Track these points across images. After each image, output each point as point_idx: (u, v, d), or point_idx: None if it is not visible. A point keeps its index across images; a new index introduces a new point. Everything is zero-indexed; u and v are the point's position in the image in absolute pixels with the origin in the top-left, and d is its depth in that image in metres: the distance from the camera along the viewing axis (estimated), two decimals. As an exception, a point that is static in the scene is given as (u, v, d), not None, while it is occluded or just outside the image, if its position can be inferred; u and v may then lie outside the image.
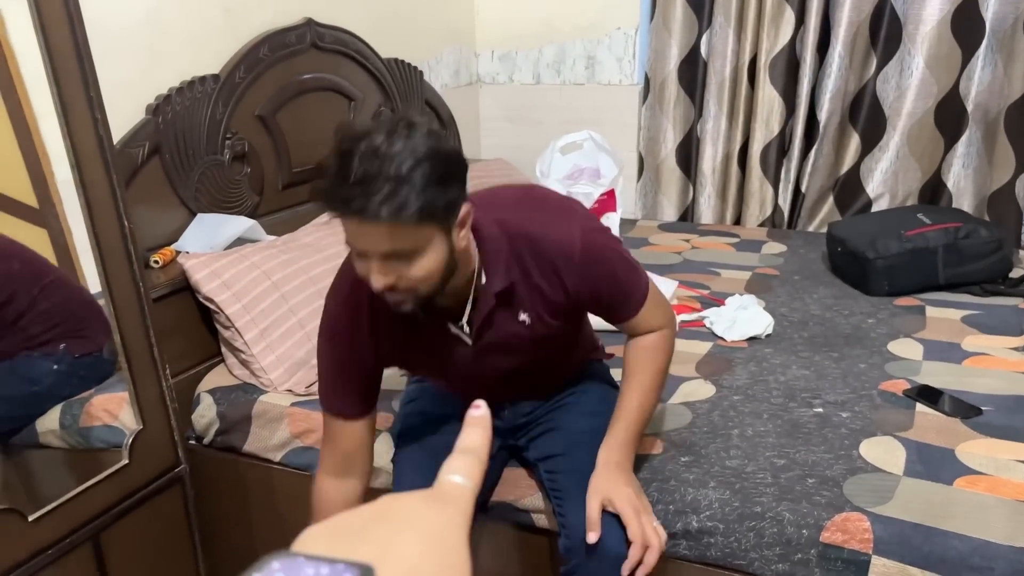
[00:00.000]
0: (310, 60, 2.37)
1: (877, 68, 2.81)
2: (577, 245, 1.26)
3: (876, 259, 2.24)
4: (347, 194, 1.04)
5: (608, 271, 1.31)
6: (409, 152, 1.04)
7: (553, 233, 1.26)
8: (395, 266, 1.11)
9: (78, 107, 1.46)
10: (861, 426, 1.59)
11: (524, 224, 1.27)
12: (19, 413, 1.68)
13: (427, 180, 1.05)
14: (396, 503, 0.38)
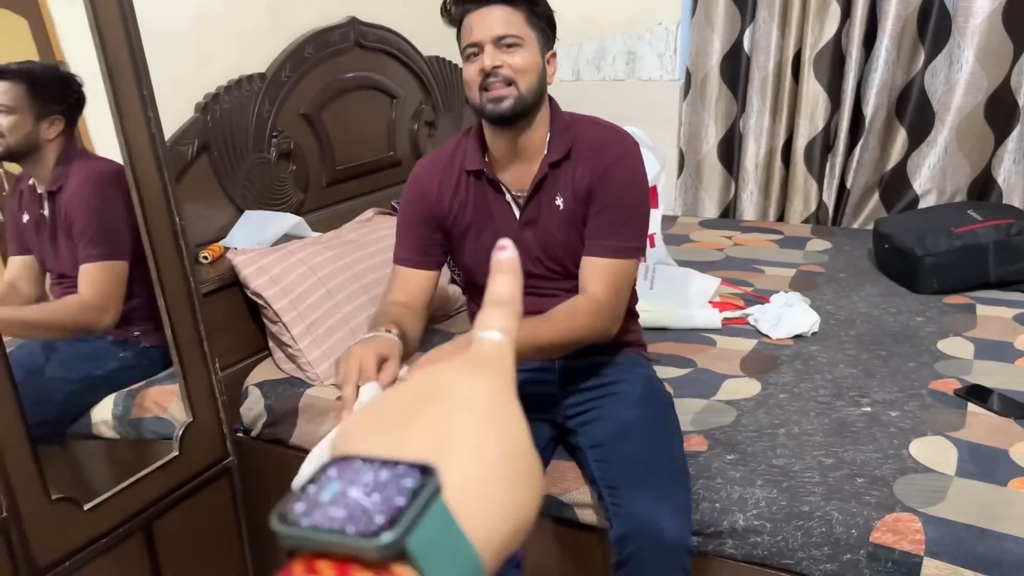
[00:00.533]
0: (353, 59, 2.39)
1: (925, 62, 2.75)
2: (625, 143, 1.46)
3: (925, 256, 2.20)
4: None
5: (628, 185, 1.43)
6: None
7: (607, 129, 1.49)
8: (502, 54, 1.37)
9: (131, 106, 1.49)
10: (911, 425, 1.57)
11: (587, 120, 1.51)
12: (75, 397, 1.72)
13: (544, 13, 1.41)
14: (436, 378, 0.35)
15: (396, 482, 0.29)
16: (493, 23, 1.38)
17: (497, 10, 1.38)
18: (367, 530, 0.27)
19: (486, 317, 0.39)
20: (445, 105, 2.83)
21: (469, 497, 0.31)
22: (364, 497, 0.29)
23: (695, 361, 1.88)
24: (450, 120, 2.87)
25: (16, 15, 1.64)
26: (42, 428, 1.44)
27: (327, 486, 0.29)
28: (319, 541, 0.28)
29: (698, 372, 1.83)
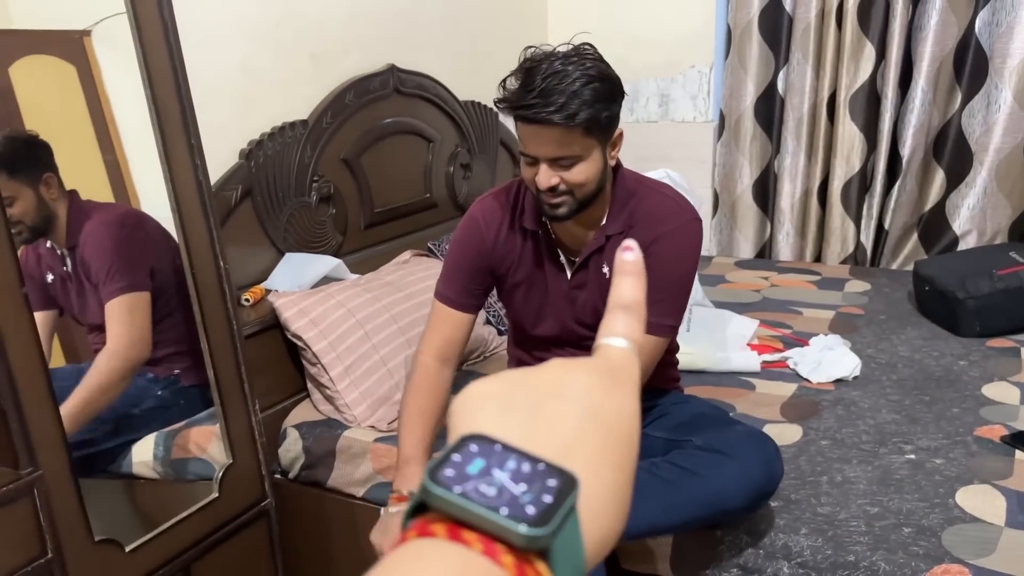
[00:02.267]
0: (392, 105, 2.44)
1: (962, 103, 2.74)
2: (682, 219, 1.43)
3: (967, 299, 2.17)
4: (529, 102, 1.28)
5: (674, 262, 1.41)
6: (582, 72, 1.28)
7: (670, 203, 1.45)
8: (559, 170, 1.34)
9: (180, 154, 1.53)
10: (957, 473, 1.53)
11: (652, 190, 1.47)
12: (113, 436, 1.73)
13: (595, 96, 1.29)
14: (570, 377, 0.35)
15: (541, 479, 0.29)
16: (547, 142, 1.32)
17: (552, 129, 1.30)
18: (521, 516, 0.27)
19: (611, 323, 0.38)
20: (480, 148, 2.87)
21: (583, 509, 0.31)
22: (511, 483, 0.29)
23: (734, 406, 1.86)
24: (485, 162, 2.91)
25: (65, 62, 1.70)
26: (81, 466, 1.46)
27: (472, 461, 0.29)
28: (470, 512, 0.28)
29: (738, 417, 1.81)
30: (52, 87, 1.71)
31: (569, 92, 1.27)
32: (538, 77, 1.28)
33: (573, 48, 1.33)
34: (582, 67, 1.29)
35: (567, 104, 1.27)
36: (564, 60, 1.30)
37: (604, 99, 1.30)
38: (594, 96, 1.28)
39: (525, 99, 1.29)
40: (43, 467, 1.29)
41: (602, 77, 1.31)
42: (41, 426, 1.29)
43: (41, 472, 1.29)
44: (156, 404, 1.77)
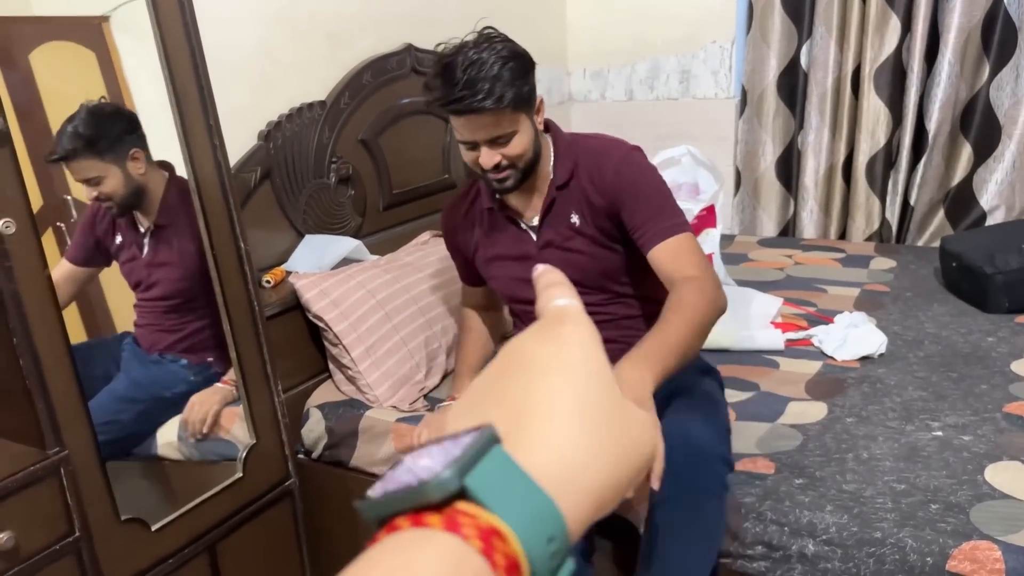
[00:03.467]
0: (410, 85, 2.42)
1: (990, 75, 2.68)
2: (622, 149, 1.51)
3: (995, 274, 2.13)
4: (458, 96, 1.36)
5: (642, 180, 1.47)
6: (496, 56, 1.37)
7: (605, 140, 1.54)
8: (498, 148, 1.44)
9: (198, 135, 1.53)
10: (985, 450, 1.51)
11: (588, 136, 1.57)
12: (142, 418, 1.75)
13: (513, 75, 1.38)
14: (513, 351, 0.35)
15: (458, 444, 0.30)
16: (482, 127, 1.42)
17: (484, 115, 1.40)
18: (429, 478, 0.29)
19: (548, 293, 0.38)
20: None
21: (550, 461, 0.31)
22: (427, 462, 0.30)
23: (758, 384, 1.85)
24: (504, 143, 2.89)
25: (84, 48, 1.71)
26: (109, 447, 1.47)
27: (399, 466, 0.31)
28: (392, 502, 0.30)
29: (761, 395, 1.79)
30: (72, 73, 1.71)
31: (490, 77, 1.36)
32: (458, 71, 1.37)
33: (480, 35, 1.42)
34: (494, 51, 1.38)
35: (492, 89, 1.36)
36: (476, 48, 1.39)
37: (522, 75, 1.41)
38: (512, 75, 1.38)
39: (453, 93, 1.37)
40: (69, 447, 1.31)
41: (514, 55, 1.41)
42: (67, 407, 1.30)
43: (67, 452, 1.31)
44: (187, 389, 1.77)
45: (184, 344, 1.78)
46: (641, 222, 1.46)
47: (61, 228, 1.70)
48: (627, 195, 1.47)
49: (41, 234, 1.27)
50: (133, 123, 1.67)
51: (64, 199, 1.70)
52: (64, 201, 1.71)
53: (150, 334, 1.79)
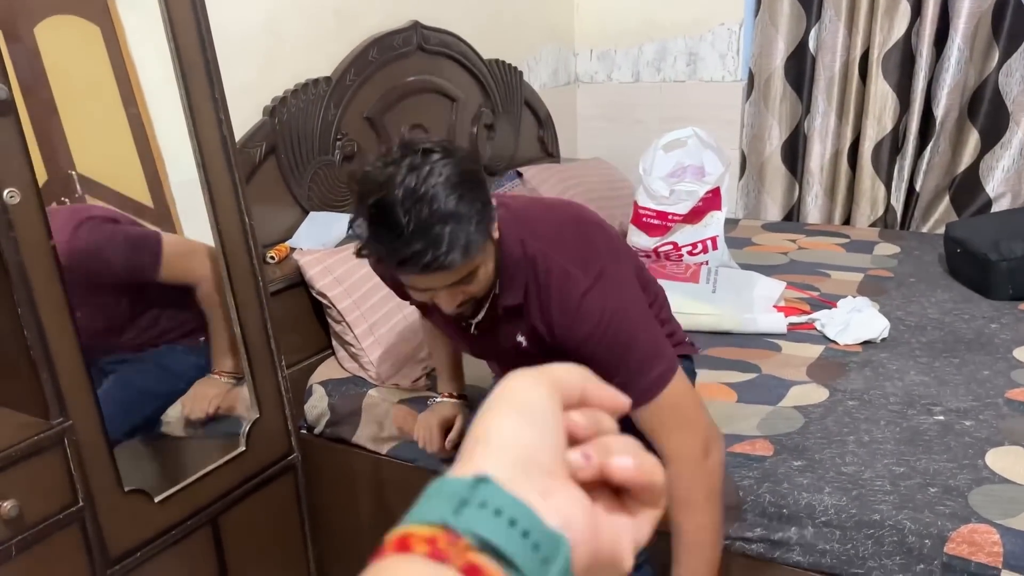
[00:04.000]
0: (415, 62, 2.41)
1: (1000, 61, 2.67)
2: (576, 294, 1.20)
3: (999, 261, 2.13)
4: (412, 250, 1.04)
5: (609, 328, 1.19)
6: (444, 182, 1.05)
7: (563, 270, 1.21)
8: (460, 286, 1.15)
9: (204, 108, 1.52)
10: (987, 435, 1.51)
11: (545, 251, 1.22)
12: (159, 407, 1.74)
13: (472, 205, 1.07)
14: (506, 384, 0.37)
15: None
16: (446, 277, 1.12)
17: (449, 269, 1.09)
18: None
19: None
20: (504, 108, 2.84)
21: (517, 478, 0.32)
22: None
23: (759, 367, 1.85)
24: (508, 123, 2.88)
25: (89, 22, 1.70)
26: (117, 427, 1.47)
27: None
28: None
29: (763, 378, 1.79)
30: (76, 47, 1.70)
31: (446, 215, 1.04)
32: (401, 214, 1.03)
33: (406, 147, 1.08)
34: (440, 176, 1.05)
35: (455, 236, 1.05)
36: (416, 175, 1.04)
37: (479, 196, 1.09)
38: (470, 204, 1.06)
39: (405, 251, 1.05)
40: (73, 417, 1.31)
41: (464, 174, 1.08)
42: (70, 377, 1.31)
43: (71, 422, 1.31)
44: (196, 374, 1.77)
45: (168, 334, 1.75)
46: (606, 380, 1.25)
47: (65, 203, 1.69)
48: (593, 361, 1.16)
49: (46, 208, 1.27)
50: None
51: (69, 174, 1.70)
52: (69, 176, 1.70)
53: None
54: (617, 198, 2.90)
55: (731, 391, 1.72)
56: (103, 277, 1.61)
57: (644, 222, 2.35)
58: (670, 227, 2.32)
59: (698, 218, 2.32)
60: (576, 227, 1.29)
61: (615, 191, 2.94)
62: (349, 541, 1.95)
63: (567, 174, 2.86)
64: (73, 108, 1.62)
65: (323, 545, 1.92)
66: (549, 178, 2.78)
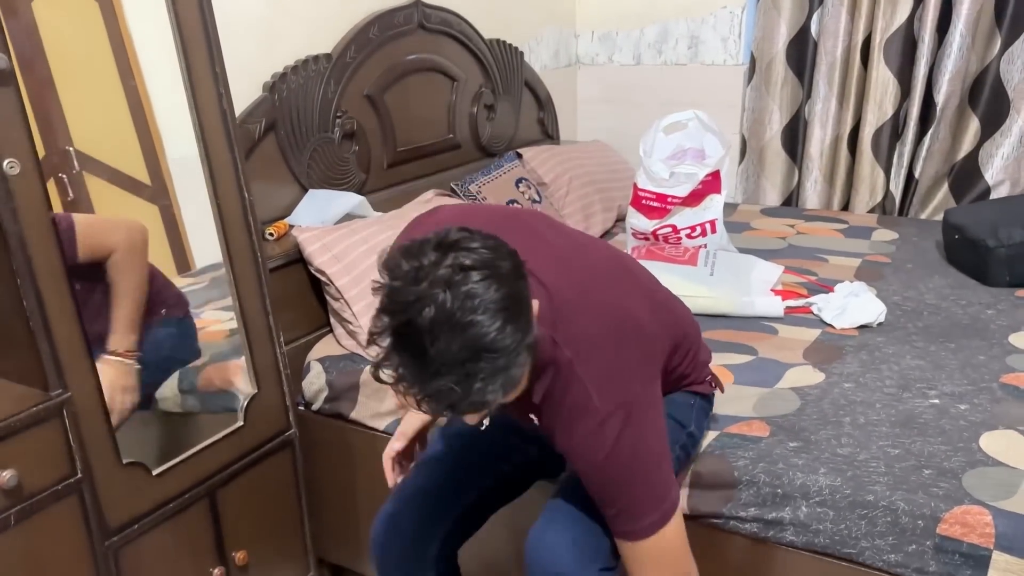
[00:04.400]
0: (416, 41, 2.40)
1: (1002, 48, 2.66)
2: (588, 424, 1.08)
3: (998, 247, 2.13)
4: (437, 386, 0.89)
5: (612, 465, 1.09)
6: (485, 309, 0.88)
7: (584, 393, 1.07)
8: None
9: (204, 82, 1.52)
10: (981, 419, 1.52)
11: (571, 361, 1.08)
12: (155, 378, 1.73)
13: (515, 336, 0.91)
14: None
15: None
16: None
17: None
18: None
19: None
20: (504, 89, 2.83)
21: None
22: None
23: (756, 349, 1.86)
24: (509, 103, 2.87)
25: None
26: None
27: None
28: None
29: (760, 360, 1.80)
30: (74, 23, 1.69)
31: (496, 351, 0.90)
32: (428, 342, 0.87)
33: (441, 253, 0.91)
34: (481, 301, 0.88)
35: (494, 374, 0.91)
36: (451, 297, 0.87)
37: (525, 325, 0.93)
38: (515, 336, 0.91)
39: (430, 386, 0.90)
40: (72, 389, 1.32)
41: (510, 296, 0.91)
42: (69, 349, 1.31)
43: (70, 394, 1.32)
44: (176, 342, 1.76)
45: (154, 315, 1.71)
46: (603, 509, 1.15)
47: (63, 179, 1.69)
48: (590, 485, 1.14)
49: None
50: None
51: (66, 150, 1.69)
52: (66, 152, 1.70)
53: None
54: (616, 180, 2.90)
55: (728, 373, 1.73)
56: None
57: (643, 204, 2.35)
58: (669, 210, 2.32)
59: (697, 201, 2.32)
60: (617, 331, 1.12)
61: (614, 173, 2.93)
62: (346, 516, 1.96)
63: (566, 156, 2.85)
64: (71, 84, 1.61)
65: (321, 520, 1.94)
66: (548, 159, 2.77)
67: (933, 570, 1.28)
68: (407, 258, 0.92)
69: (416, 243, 0.93)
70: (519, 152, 2.77)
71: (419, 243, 0.93)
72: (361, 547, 1.96)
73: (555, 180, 2.72)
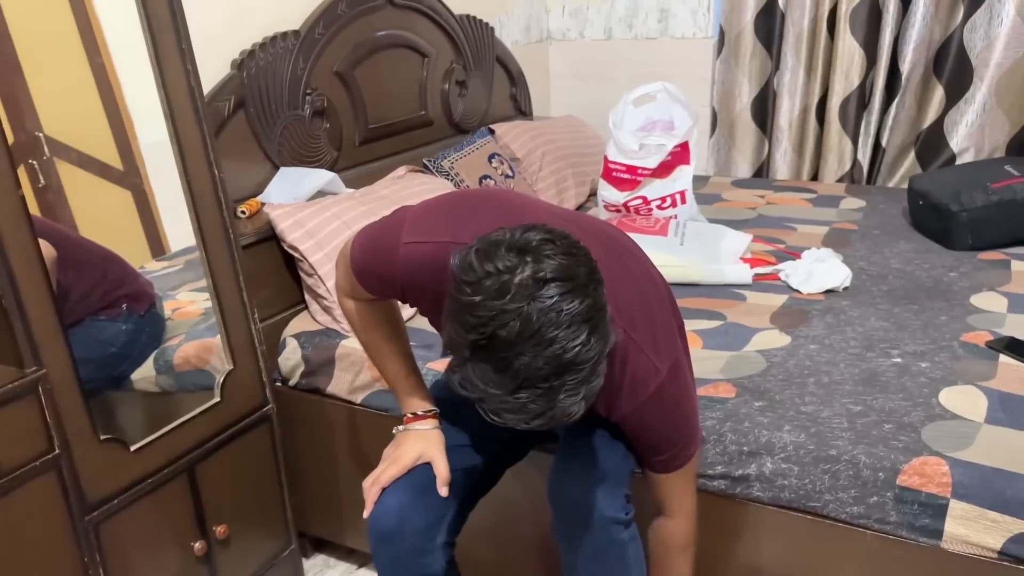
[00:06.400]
0: (385, 17, 2.40)
1: (964, 17, 2.70)
2: (651, 388, 1.15)
3: (960, 212, 2.18)
4: (520, 402, 0.91)
5: (669, 417, 1.20)
6: (568, 322, 0.88)
7: (640, 364, 1.14)
8: None
9: (171, 59, 1.52)
10: (941, 375, 1.57)
11: (628, 332, 1.13)
12: (101, 374, 1.68)
13: (596, 346, 0.91)
14: None
15: None
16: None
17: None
18: None
19: None
20: (476, 65, 2.84)
21: None
22: None
23: (725, 315, 1.89)
24: (481, 79, 2.88)
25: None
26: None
27: None
28: None
29: (728, 325, 1.84)
30: (39, 4, 1.68)
31: (571, 366, 0.90)
32: (513, 357, 0.88)
33: (517, 259, 0.90)
34: (563, 314, 0.88)
35: (576, 388, 0.92)
36: (533, 308, 0.87)
37: (605, 334, 0.94)
38: (597, 346, 0.91)
39: (512, 402, 0.92)
40: (47, 366, 1.33)
41: (591, 307, 0.90)
42: (43, 325, 1.32)
43: (45, 371, 1.33)
44: (127, 339, 1.73)
45: (87, 310, 1.67)
46: (650, 451, 1.25)
47: (34, 165, 1.68)
48: (645, 430, 1.22)
49: (13, 158, 1.27)
50: None
51: (36, 136, 1.69)
52: (36, 138, 1.69)
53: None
54: (589, 155, 2.92)
55: (697, 338, 1.76)
56: None
57: (614, 176, 2.37)
58: (639, 181, 2.35)
59: (667, 172, 2.35)
60: (650, 296, 1.21)
61: (587, 148, 2.95)
62: (326, 489, 1.98)
63: (539, 131, 2.87)
64: (38, 69, 1.61)
65: (300, 493, 1.96)
66: (521, 135, 2.79)
67: (894, 520, 1.33)
68: (482, 261, 0.91)
69: (490, 244, 0.92)
70: (491, 128, 2.79)
71: (493, 244, 0.92)
72: (342, 520, 1.98)
73: (528, 155, 2.74)
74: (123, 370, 1.76)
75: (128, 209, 1.79)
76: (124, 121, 1.76)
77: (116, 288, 1.71)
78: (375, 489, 1.30)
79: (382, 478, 1.31)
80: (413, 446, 1.32)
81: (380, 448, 1.40)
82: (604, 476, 1.26)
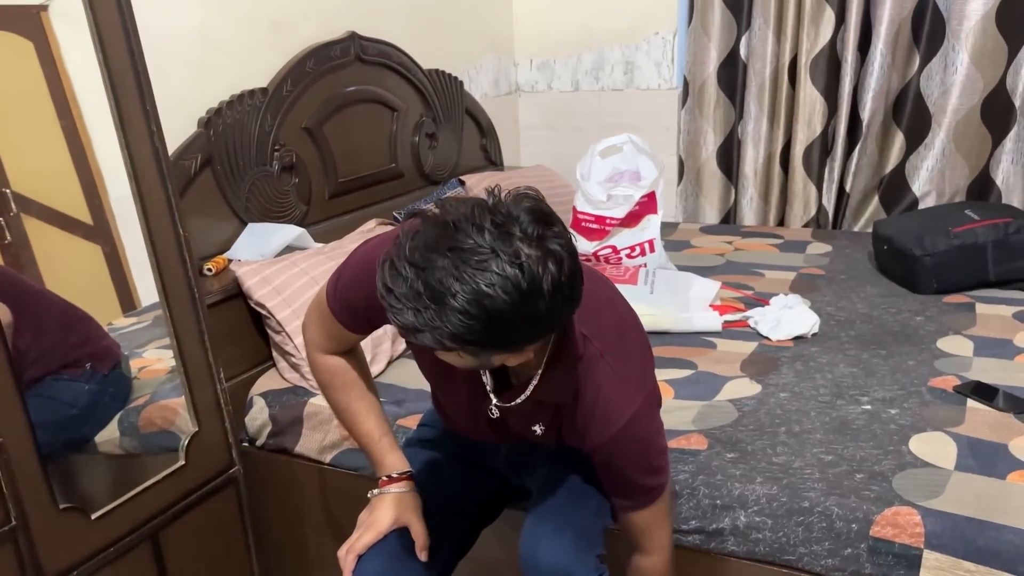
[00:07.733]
0: (354, 73, 2.42)
1: (920, 65, 2.78)
2: (625, 416, 1.13)
3: (924, 256, 2.21)
4: (475, 339, 0.89)
5: (643, 447, 1.18)
6: (552, 276, 0.89)
7: (615, 390, 1.14)
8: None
9: (135, 120, 1.52)
10: (910, 422, 1.58)
11: (602, 353, 1.13)
12: (61, 437, 1.63)
13: (566, 301, 0.94)
14: None
15: None
16: (496, 359, 1.00)
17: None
18: None
19: None
20: (445, 117, 2.86)
21: None
22: None
23: (696, 363, 1.89)
24: (451, 131, 2.90)
25: (22, 38, 1.67)
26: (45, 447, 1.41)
27: None
28: None
29: (699, 374, 1.84)
30: (9, 64, 1.68)
31: (537, 318, 0.91)
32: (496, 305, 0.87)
33: (523, 223, 0.90)
34: (550, 275, 0.89)
35: (532, 332, 0.93)
36: (527, 254, 0.88)
37: (576, 295, 0.96)
38: (564, 301, 0.93)
39: (470, 332, 0.88)
40: (2, 434, 1.29)
41: (573, 272, 0.92)
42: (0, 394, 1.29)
43: (1, 440, 1.29)
44: (90, 400, 1.69)
45: (46, 368, 1.62)
46: (621, 487, 1.22)
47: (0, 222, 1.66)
48: (614, 465, 1.19)
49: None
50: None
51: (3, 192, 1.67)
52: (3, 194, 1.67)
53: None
54: (559, 204, 2.93)
55: (669, 388, 1.76)
56: None
57: (583, 227, 2.39)
58: (608, 231, 2.36)
59: (635, 222, 2.37)
60: (628, 328, 1.21)
61: (557, 197, 2.97)
62: (294, 551, 1.94)
63: (509, 182, 2.87)
64: (7, 125, 1.60)
65: (268, 556, 1.91)
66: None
67: (868, 572, 1.32)
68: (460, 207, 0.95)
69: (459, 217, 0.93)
70: (462, 179, 2.80)
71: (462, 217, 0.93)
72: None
73: (498, 206, 2.74)
74: (85, 432, 1.72)
75: (98, 264, 1.77)
76: (94, 176, 1.75)
77: (79, 346, 1.68)
78: (351, 558, 1.25)
79: (357, 545, 1.26)
80: (389, 510, 1.27)
81: (351, 509, 1.37)
82: (577, 537, 1.23)
